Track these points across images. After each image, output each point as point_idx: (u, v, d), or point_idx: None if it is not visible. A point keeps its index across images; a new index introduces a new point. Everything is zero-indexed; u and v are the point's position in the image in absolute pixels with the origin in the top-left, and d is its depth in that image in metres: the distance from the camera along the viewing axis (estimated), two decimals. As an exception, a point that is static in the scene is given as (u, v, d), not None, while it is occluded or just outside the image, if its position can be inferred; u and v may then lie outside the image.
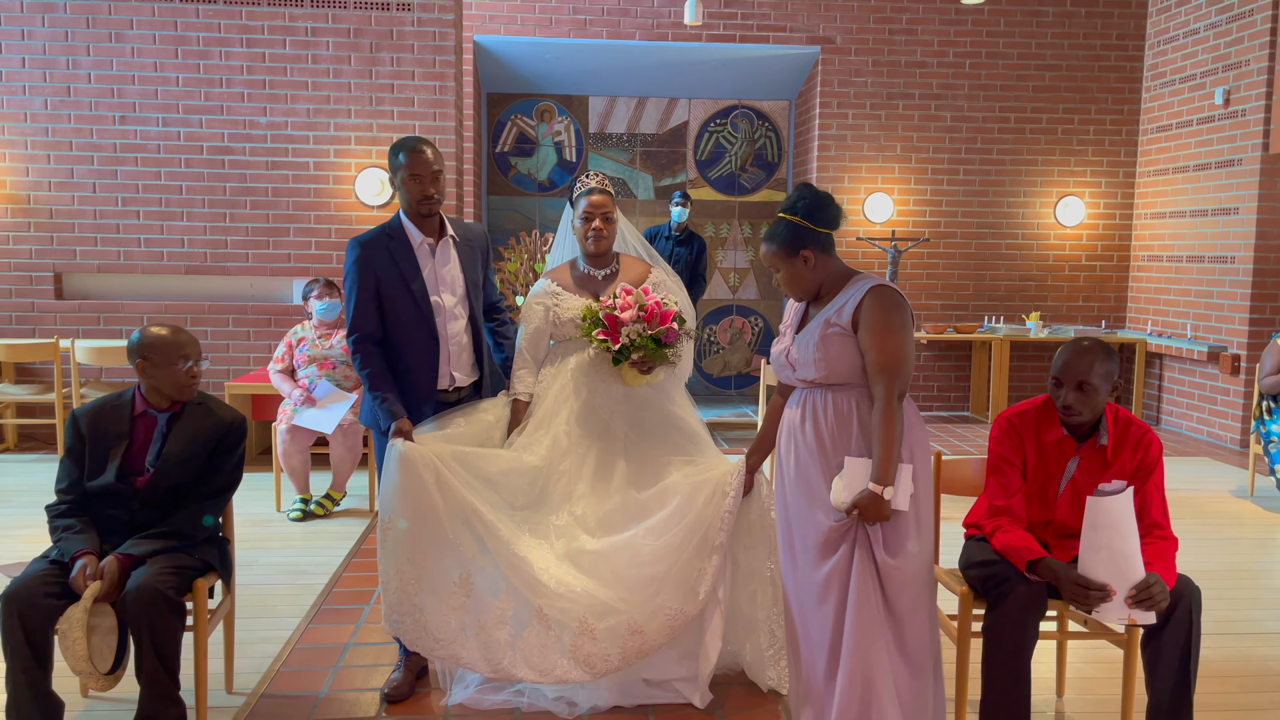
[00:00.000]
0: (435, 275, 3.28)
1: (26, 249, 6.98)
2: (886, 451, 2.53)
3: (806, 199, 2.70)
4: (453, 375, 3.33)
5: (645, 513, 3.19)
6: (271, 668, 3.45)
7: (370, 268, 3.20)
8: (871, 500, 2.52)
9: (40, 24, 6.84)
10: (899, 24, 8.49)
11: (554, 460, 3.25)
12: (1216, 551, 5.01)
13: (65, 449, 2.96)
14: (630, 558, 3.10)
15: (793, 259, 2.69)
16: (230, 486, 3.04)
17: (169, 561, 2.80)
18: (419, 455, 3.05)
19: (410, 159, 3.18)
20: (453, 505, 3.07)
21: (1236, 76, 7.57)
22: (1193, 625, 2.61)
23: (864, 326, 2.60)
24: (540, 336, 3.44)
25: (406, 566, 3.06)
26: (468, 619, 3.06)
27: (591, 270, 3.45)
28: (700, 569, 3.09)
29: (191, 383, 2.98)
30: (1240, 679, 3.52)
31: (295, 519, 5.28)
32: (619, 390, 3.37)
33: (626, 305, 3.25)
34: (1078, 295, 8.91)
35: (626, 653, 3.04)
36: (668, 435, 3.38)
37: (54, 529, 2.87)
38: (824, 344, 2.64)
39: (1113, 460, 2.78)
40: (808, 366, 2.68)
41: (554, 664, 3.03)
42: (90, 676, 2.65)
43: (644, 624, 3.04)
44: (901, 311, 2.61)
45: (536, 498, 3.20)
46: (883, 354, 2.57)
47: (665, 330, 3.26)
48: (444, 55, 7.08)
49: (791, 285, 2.75)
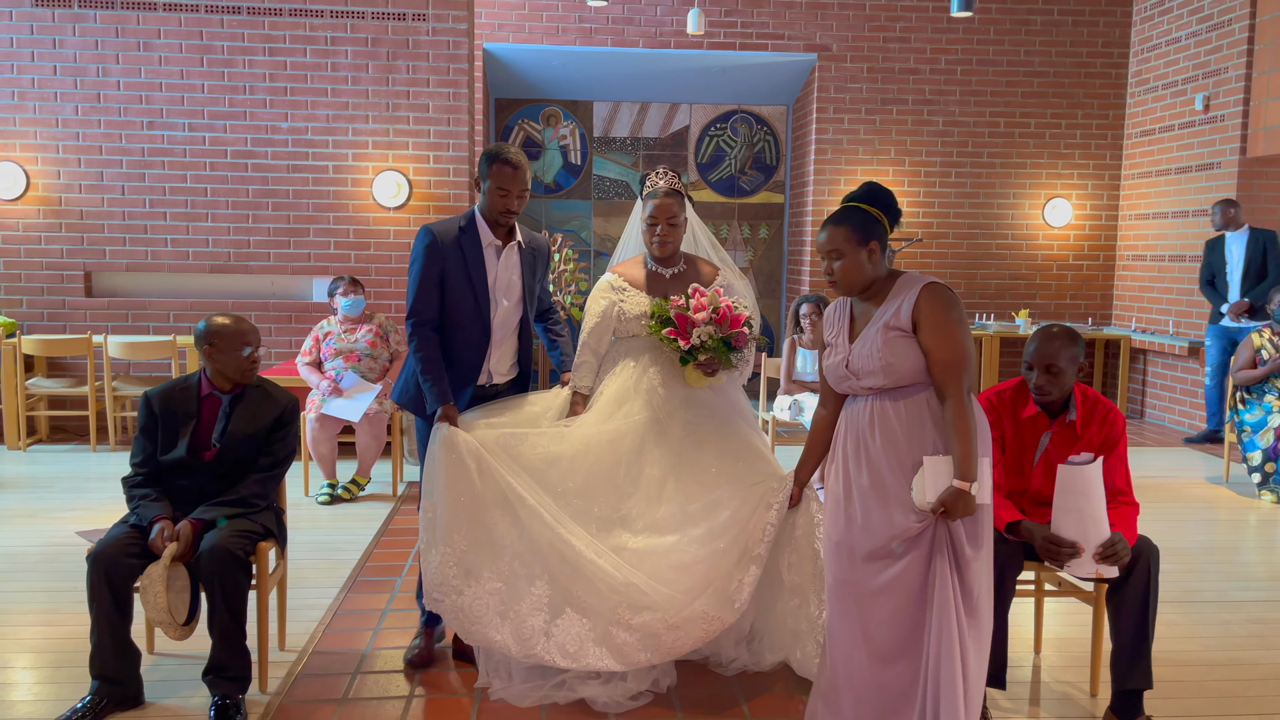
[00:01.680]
0: (497, 276, 3.37)
1: (58, 248, 7.28)
2: (966, 447, 2.53)
3: (882, 193, 2.74)
4: (490, 373, 3.42)
5: (691, 522, 3.17)
6: (317, 630, 3.77)
7: (439, 256, 3.28)
8: (958, 497, 2.51)
9: (71, 33, 7.15)
10: (893, 32, 8.82)
11: (604, 452, 3.24)
12: (1191, 532, 5.34)
13: (139, 427, 3.26)
14: (672, 561, 3.10)
15: (860, 248, 2.68)
16: (287, 459, 3.35)
17: (236, 526, 3.12)
18: (462, 440, 3.15)
19: (501, 174, 3.25)
20: (494, 490, 3.13)
21: (1216, 83, 7.91)
22: (1151, 579, 2.94)
23: (925, 326, 2.59)
24: (604, 331, 3.44)
25: (446, 549, 3.13)
26: (503, 604, 3.10)
27: (659, 269, 3.45)
28: (740, 580, 3.09)
29: (252, 367, 3.30)
30: (1203, 639, 3.85)
31: (323, 502, 5.59)
32: (680, 392, 3.37)
33: (700, 306, 3.25)
34: (1065, 293, 9.24)
35: (658, 649, 3.05)
36: (725, 445, 3.34)
37: (131, 497, 3.19)
38: (889, 349, 2.61)
39: (1081, 434, 3.10)
40: (874, 374, 2.64)
41: (587, 651, 3.04)
42: (169, 627, 2.97)
43: (679, 624, 3.04)
44: (959, 307, 2.63)
45: (581, 484, 3.20)
46: (949, 350, 2.57)
47: (736, 334, 3.27)
48: (458, 64, 7.40)
49: (848, 274, 2.71)
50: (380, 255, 7.43)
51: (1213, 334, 7.52)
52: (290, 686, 3.28)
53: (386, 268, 7.40)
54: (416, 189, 7.40)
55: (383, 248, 7.42)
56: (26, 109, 7.17)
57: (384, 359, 5.87)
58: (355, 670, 3.42)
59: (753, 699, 3.25)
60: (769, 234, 9.80)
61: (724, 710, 3.17)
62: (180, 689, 3.25)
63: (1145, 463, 7.01)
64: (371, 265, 7.40)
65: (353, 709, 3.14)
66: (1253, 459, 6.04)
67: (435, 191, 7.43)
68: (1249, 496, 6.08)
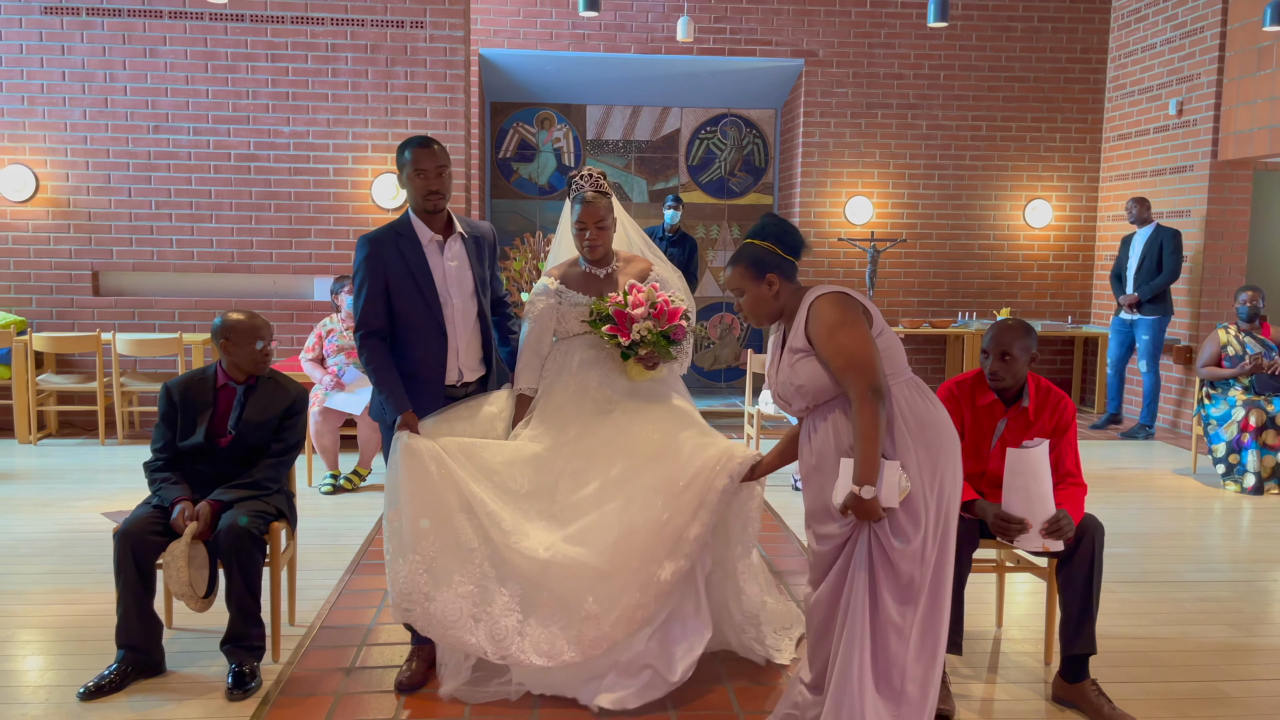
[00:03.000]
0: (444, 272, 3.33)
1: (66, 249, 7.51)
2: (863, 451, 2.54)
3: (775, 225, 2.81)
4: (460, 370, 3.39)
5: (644, 469, 3.24)
6: (324, 607, 4.01)
7: (380, 264, 3.25)
8: (854, 501, 2.57)
9: (80, 40, 7.37)
10: (878, 38, 9.08)
11: (558, 450, 3.30)
12: (1155, 519, 5.60)
13: (160, 415, 3.50)
14: (624, 518, 3.16)
15: (758, 283, 2.76)
16: (297, 445, 3.59)
17: (252, 506, 3.36)
18: (423, 446, 3.15)
19: (415, 155, 3.23)
20: (457, 495, 3.14)
21: (1189, 89, 8.17)
22: (1095, 554, 3.19)
23: (816, 341, 2.65)
24: (544, 333, 3.49)
25: (414, 556, 3.11)
26: (476, 606, 3.10)
27: (593, 269, 3.51)
28: (690, 534, 3.15)
29: (264, 359, 3.54)
30: (1156, 614, 4.11)
31: (326, 492, 5.83)
32: (623, 384, 3.45)
33: (638, 303, 3.32)
34: (1045, 292, 9.50)
35: (621, 621, 3.08)
36: (673, 422, 3.43)
37: (152, 480, 3.42)
38: (794, 373, 2.70)
39: (1034, 421, 3.35)
40: (794, 398, 2.75)
41: (561, 650, 3.07)
42: (190, 599, 3.20)
43: (634, 587, 3.10)
44: (843, 308, 2.65)
45: (539, 485, 3.26)
46: (838, 357, 2.61)
47: (674, 327, 3.35)
48: (454, 70, 7.64)
49: (753, 308, 2.79)
50: (379, 255, 7.65)
51: (1114, 325, 8.11)
52: (301, 657, 3.52)
53: (385, 267, 7.62)
54: (414, 191, 7.63)
55: (382, 248, 7.65)
56: (36, 113, 7.40)
57: (384, 355, 6.10)
58: (361, 643, 3.67)
59: (736, 680, 3.48)
60: (758, 234, 10.03)
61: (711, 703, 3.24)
62: (198, 659, 3.49)
63: (1117, 455, 7.27)
64: (371, 265, 7.62)
65: (360, 677, 3.38)
66: (1217, 451, 6.30)
67: (433, 193, 7.66)
68: (1214, 487, 6.34)
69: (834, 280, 9.18)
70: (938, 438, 2.70)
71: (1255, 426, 6.12)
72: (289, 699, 3.21)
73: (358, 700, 3.21)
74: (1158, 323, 7.76)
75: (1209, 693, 3.39)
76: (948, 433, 2.75)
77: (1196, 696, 3.36)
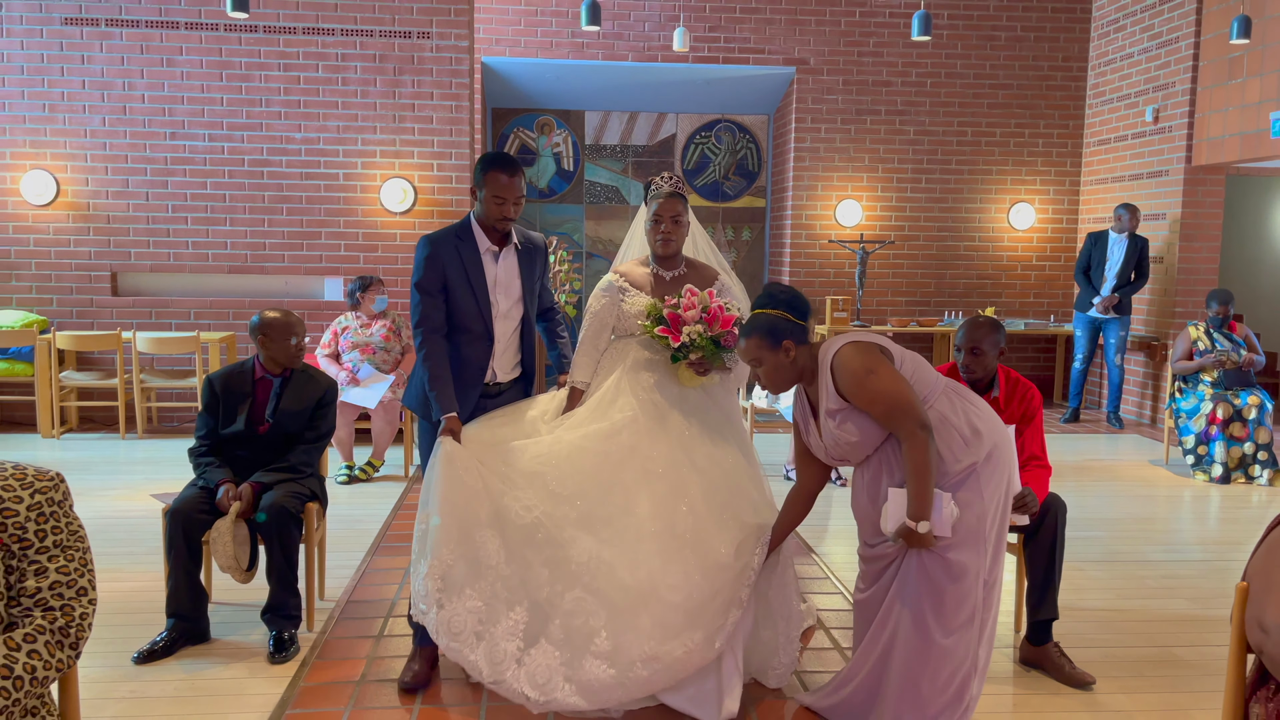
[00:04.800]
0: (496, 279, 3.45)
1: (86, 250, 7.80)
2: (916, 486, 2.66)
3: (782, 293, 2.92)
4: (495, 372, 3.51)
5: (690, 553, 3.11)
6: (350, 584, 4.32)
7: (439, 264, 3.37)
8: (908, 534, 2.71)
9: (99, 50, 7.66)
10: (867, 47, 9.41)
11: (600, 448, 3.26)
12: (1127, 505, 5.93)
13: (203, 405, 3.81)
14: (666, 599, 3.04)
15: (775, 351, 2.86)
16: (328, 433, 3.91)
17: (289, 488, 3.67)
18: (462, 457, 3.18)
19: (496, 182, 3.32)
20: (488, 510, 3.15)
21: (1165, 96, 8.51)
22: (1058, 527, 3.51)
23: (851, 395, 2.75)
24: (603, 329, 3.52)
25: (435, 560, 3.11)
26: (481, 624, 3.08)
27: (660, 270, 3.53)
28: (722, 623, 3.03)
29: (298, 353, 3.85)
30: (1121, 589, 4.44)
31: (342, 482, 6.13)
32: (674, 390, 3.43)
33: (690, 305, 3.33)
34: (1029, 292, 9.84)
35: (628, 685, 2.97)
36: (722, 432, 3.42)
37: (198, 465, 3.73)
38: (842, 431, 2.79)
39: (1004, 409, 3.66)
40: (853, 454, 2.86)
41: (556, 686, 2.99)
42: (235, 571, 3.51)
43: (658, 652, 2.97)
44: (864, 355, 2.75)
45: (579, 487, 3.20)
46: (876, 404, 2.71)
47: (725, 334, 3.34)
48: (459, 78, 7.95)
49: (773, 376, 2.88)
50: (388, 257, 7.97)
51: (1080, 322, 8.40)
52: (333, 626, 3.84)
53: (393, 269, 7.94)
54: (421, 195, 7.95)
55: (390, 250, 7.97)
56: (57, 120, 7.69)
57: (396, 352, 6.42)
58: (387, 615, 3.98)
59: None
60: (751, 236, 10.38)
61: None
62: (239, 629, 3.79)
63: (1094, 447, 7.62)
64: (379, 266, 7.94)
65: (388, 643, 3.70)
66: (1186, 442, 6.65)
67: (439, 197, 7.98)
68: (1185, 476, 6.68)
69: (824, 281, 9.51)
70: (991, 437, 2.82)
71: (1222, 419, 6.46)
72: (325, 662, 3.52)
73: (388, 664, 3.52)
74: (1128, 321, 8.17)
75: (1164, 656, 3.72)
76: (999, 429, 2.87)
77: (1152, 660, 3.69)
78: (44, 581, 1.81)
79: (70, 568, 1.85)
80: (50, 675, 1.79)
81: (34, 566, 1.81)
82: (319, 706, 3.21)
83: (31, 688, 1.74)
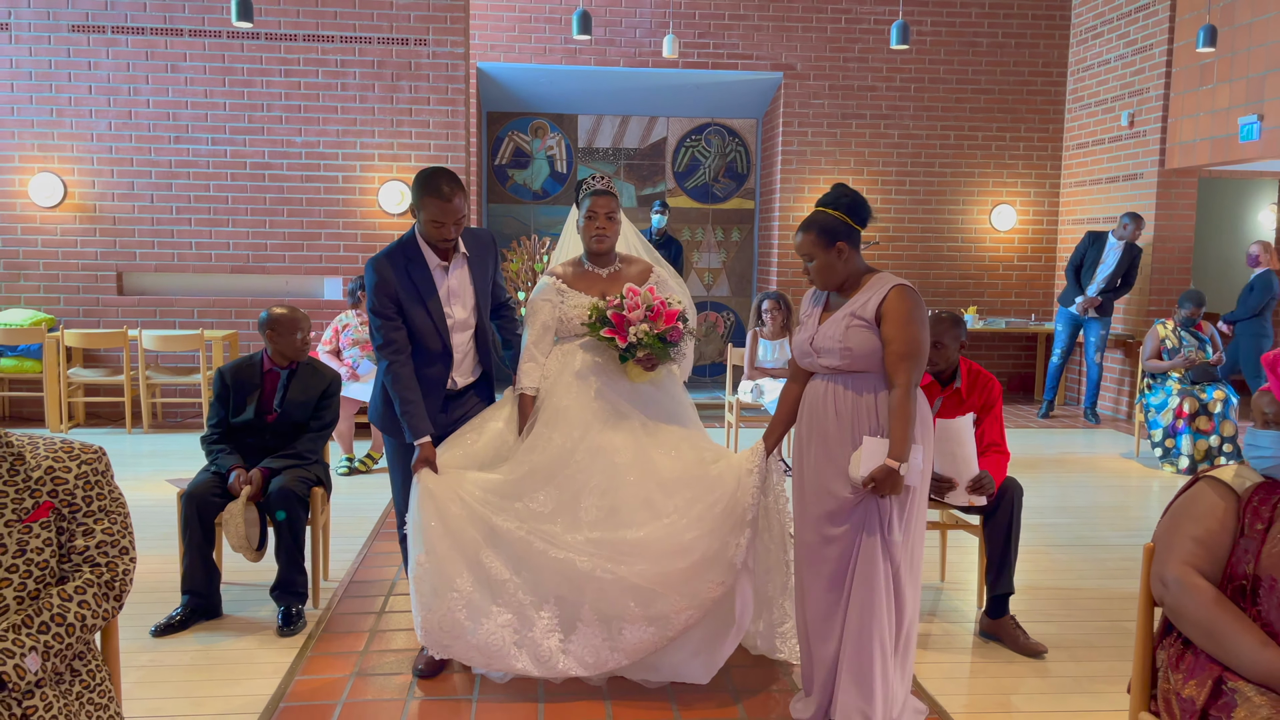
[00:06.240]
0: (449, 291, 3.45)
1: (93, 251, 8.04)
2: (902, 431, 2.77)
3: (848, 197, 2.96)
4: (455, 380, 3.53)
5: (683, 500, 3.26)
6: (352, 565, 4.57)
7: (390, 288, 3.36)
8: (887, 474, 2.77)
9: (105, 56, 7.90)
10: (852, 53, 9.67)
11: (569, 455, 3.31)
12: (1096, 495, 6.19)
13: (215, 395, 4.04)
14: (672, 545, 3.17)
15: (829, 250, 2.92)
16: (333, 423, 4.15)
17: (296, 473, 3.91)
18: (442, 488, 3.23)
19: (432, 207, 3.26)
20: (482, 531, 3.21)
21: (1139, 102, 8.78)
22: (1014, 509, 3.76)
23: (888, 320, 2.83)
24: (546, 333, 3.52)
25: (454, 594, 3.16)
26: (517, 633, 3.15)
27: (595, 268, 3.55)
28: (736, 543, 3.17)
29: (304, 347, 4.09)
30: (1081, 570, 4.70)
31: (342, 474, 6.38)
32: (625, 385, 3.47)
33: (634, 305, 3.34)
34: (1010, 291, 10.11)
35: (669, 626, 3.13)
36: (677, 419, 3.54)
37: (210, 452, 3.97)
38: (849, 335, 2.87)
39: (966, 399, 3.92)
40: (832, 355, 2.90)
41: (605, 659, 3.14)
42: (246, 551, 3.76)
43: (684, 603, 3.13)
44: (922, 308, 2.87)
45: (560, 502, 3.27)
46: (906, 344, 2.81)
47: (671, 329, 3.37)
48: (455, 84, 8.19)
49: (822, 273, 2.95)
50: (386, 257, 8.20)
51: (1063, 318, 8.65)
52: (338, 603, 4.09)
53: (391, 268, 8.17)
54: (418, 197, 8.18)
55: (388, 250, 8.20)
56: (64, 125, 7.92)
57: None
58: (388, 593, 4.23)
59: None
60: (740, 237, 10.63)
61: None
62: (248, 606, 4.04)
63: (1070, 441, 7.88)
64: (378, 266, 8.17)
65: (390, 619, 3.94)
66: (1155, 435, 6.91)
67: (435, 199, 8.21)
68: (1154, 468, 6.95)
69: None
70: (928, 446, 3.02)
71: (1189, 413, 6.72)
72: (331, 635, 3.77)
73: (389, 636, 3.77)
74: (1109, 321, 8.44)
75: (1115, 629, 3.98)
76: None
77: (1104, 632, 3.95)
78: (91, 541, 2.05)
79: (114, 529, 2.09)
80: (98, 624, 2.03)
81: (81, 528, 2.05)
82: (326, 673, 3.45)
83: (82, 634, 1.99)
